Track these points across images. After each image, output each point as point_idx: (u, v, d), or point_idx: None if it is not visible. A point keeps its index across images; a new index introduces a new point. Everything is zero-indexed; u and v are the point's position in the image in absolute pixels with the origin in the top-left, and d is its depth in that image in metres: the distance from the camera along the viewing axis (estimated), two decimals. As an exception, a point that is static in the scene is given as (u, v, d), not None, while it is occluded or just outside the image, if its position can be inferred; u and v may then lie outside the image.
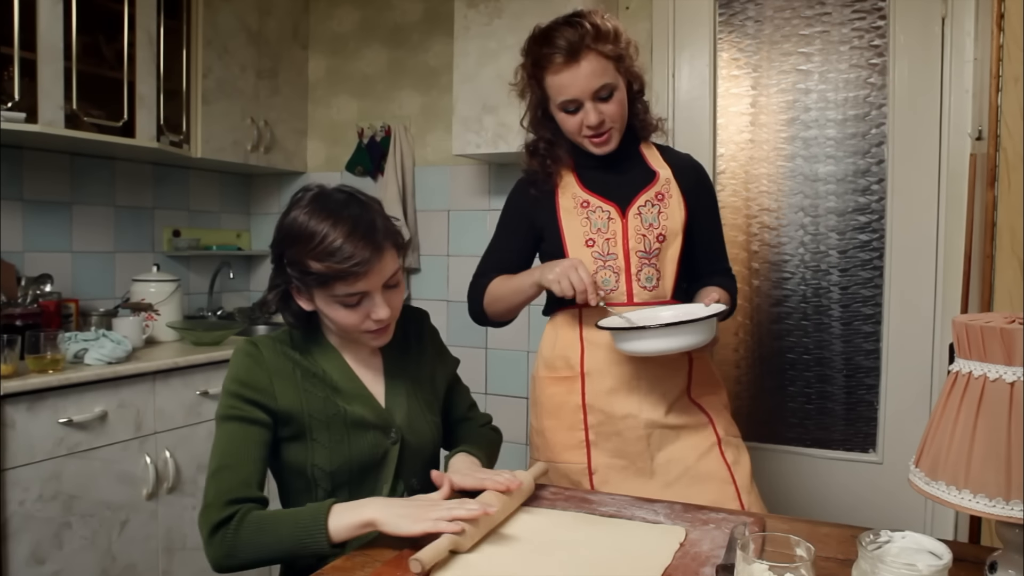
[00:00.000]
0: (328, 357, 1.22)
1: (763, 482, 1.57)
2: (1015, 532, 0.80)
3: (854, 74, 2.30)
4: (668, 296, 1.49)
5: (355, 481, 1.20)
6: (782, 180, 2.39)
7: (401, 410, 1.24)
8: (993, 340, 0.77)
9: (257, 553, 1.05)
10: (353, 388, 1.22)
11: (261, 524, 1.05)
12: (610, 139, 1.46)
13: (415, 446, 1.25)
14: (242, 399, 1.14)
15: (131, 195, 2.76)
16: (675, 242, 1.48)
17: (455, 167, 2.89)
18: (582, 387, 1.48)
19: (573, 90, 1.41)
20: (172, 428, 2.18)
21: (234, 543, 1.05)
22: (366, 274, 1.11)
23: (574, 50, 1.38)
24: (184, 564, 2.22)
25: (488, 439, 1.39)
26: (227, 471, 1.09)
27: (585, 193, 1.49)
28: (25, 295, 2.22)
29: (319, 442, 1.17)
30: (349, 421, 1.18)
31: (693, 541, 1.04)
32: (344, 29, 3.11)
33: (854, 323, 2.33)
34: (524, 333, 2.74)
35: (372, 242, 1.10)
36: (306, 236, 1.10)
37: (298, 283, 1.15)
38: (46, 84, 2.06)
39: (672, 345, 1.29)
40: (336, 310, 1.14)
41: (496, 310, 1.56)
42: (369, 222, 1.12)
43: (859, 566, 0.80)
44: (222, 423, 1.14)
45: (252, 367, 1.16)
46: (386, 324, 1.18)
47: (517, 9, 2.39)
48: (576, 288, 1.34)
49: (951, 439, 0.79)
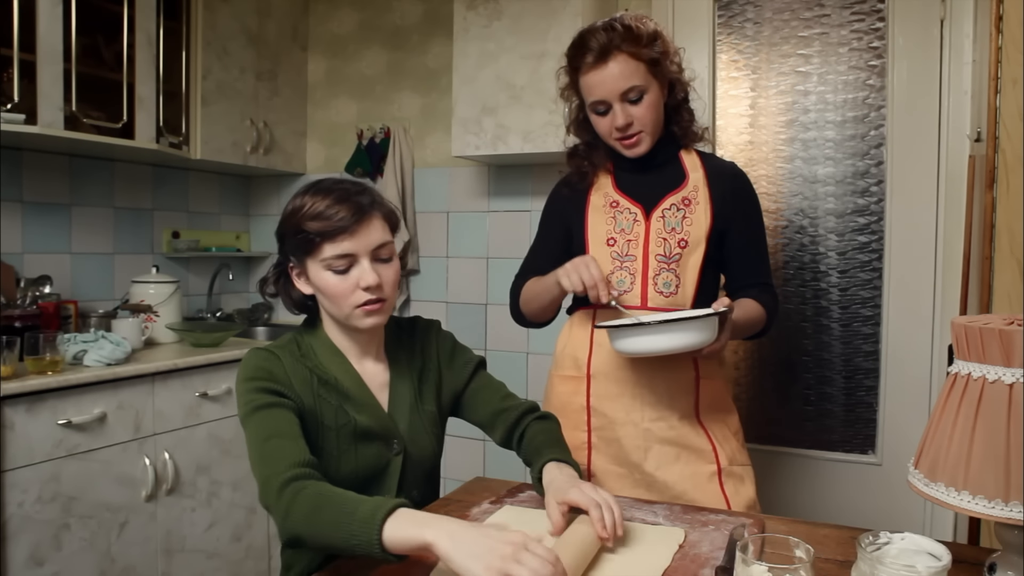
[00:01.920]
0: (335, 361, 1.21)
1: (762, 483, 1.56)
2: (1014, 533, 0.80)
3: (853, 76, 2.30)
4: (688, 305, 1.45)
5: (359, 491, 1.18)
6: (781, 182, 2.39)
7: (404, 421, 1.23)
8: (992, 342, 0.77)
9: (309, 530, 0.93)
10: (362, 396, 1.21)
11: (321, 496, 0.95)
12: (639, 142, 1.45)
13: (417, 458, 1.24)
14: (266, 391, 1.11)
15: (130, 196, 2.76)
16: (698, 249, 1.45)
17: (454, 169, 2.89)
18: (587, 388, 1.48)
19: (601, 91, 1.42)
20: (171, 430, 2.18)
21: (290, 509, 0.95)
22: (351, 233, 1.13)
23: (604, 51, 1.39)
24: (183, 566, 2.22)
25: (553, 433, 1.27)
26: (276, 447, 1.03)
27: (616, 193, 1.50)
28: (24, 296, 2.22)
29: (327, 450, 1.16)
30: (358, 431, 1.18)
31: (692, 542, 1.04)
32: (343, 31, 3.12)
33: (853, 324, 2.33)
34: (523, 333, 2.74)
35: (357, 205, 1.14)
36: (298, 205, 1.15)
37: (294, 258, 1.18)
38: (45, 86, 2.06)
39: (666, 344, 1.25)
40: (327, 279, 1.14)
41: (530, 310, 1.56)
42: (358, 191, 1.17)
43: (858, 567, 0.80)
44: (251, 417, 1.09)
45: (271, 367, 1.15)
46: (377, 298, 1.16)
47: (516, 11, 2.39)
48: (586, 283, 1.33)
49: (950, 440, 0.80)
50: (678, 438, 1.44)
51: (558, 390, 1.53)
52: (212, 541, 2.32)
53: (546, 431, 1.27)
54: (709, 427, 1.46)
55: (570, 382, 1.51)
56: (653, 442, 1.44)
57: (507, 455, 1.39)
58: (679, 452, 1.44)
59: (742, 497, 1.44)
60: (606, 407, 1.46)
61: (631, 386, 1.45)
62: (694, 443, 1.44)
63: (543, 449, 1.21)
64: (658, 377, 1.44)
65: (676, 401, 1.45)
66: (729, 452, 1.47)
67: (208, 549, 2.30)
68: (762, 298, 1.49)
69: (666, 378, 1.44)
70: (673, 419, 1.44)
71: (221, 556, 2.35)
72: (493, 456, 2.82)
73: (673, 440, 1.44)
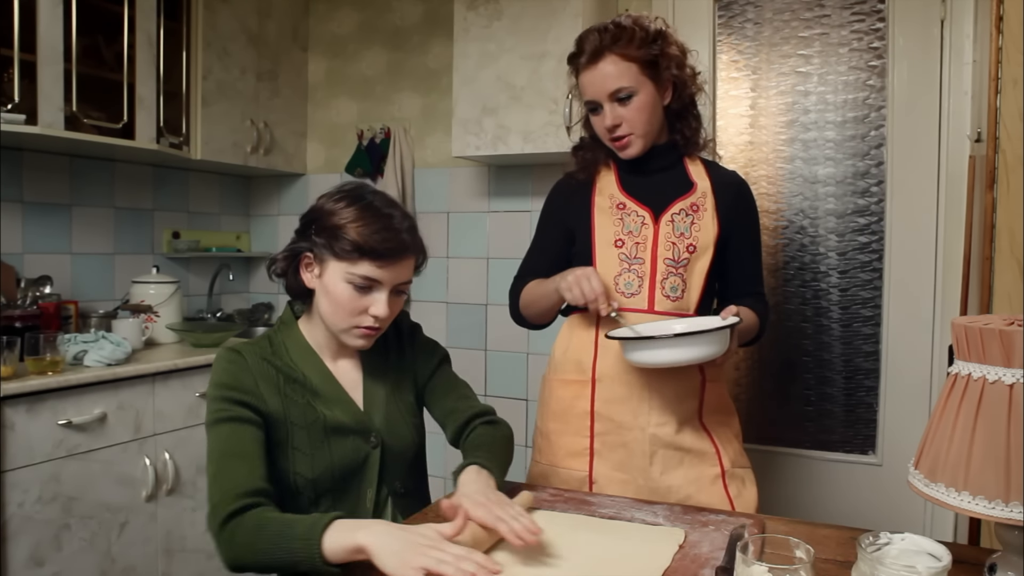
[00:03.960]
0: (307, 359, 1.22)
1: (763, 484, 1.56)
2: (1014, 534, 0.80)
3: (853, 76, 2.30)
4: (692, 310, 1.46)
5: (338, 488, 1.18)
6: (781, 182, 2.39)
7: (380, 413, 1.23)
8: (992, 342, 0.77)
9: (254, 556, 0.97)
10: (332, 392, 1.21)
11: (261, 524, 0.98)
12: (629, 144, 1.45)
13: (396, 449, 1.24)
14: (231, 401, 1.12)
15: (131, 197, 2.76)
16: (705, 255, 1.46)
17: (455, 169, 2.89)
18: (592, 393, 1.46)
19: (591, 91, 1.43)
20: (171, 430, 2.18)
21: (231, 540, 0.99)
22: (392, 263, 1.14)
23: (595, 53, 1.40)
24: (183, 566, 2.22)
25: (494, 439, 1.26)
26: (229, 469, 1.05)
27: (622, 195, 1.49)
28: (25, 297, 2.22)
29: (300, 449, 1.15)
30: (329, 427, 1.18)
31: (692, 543, 1.04)
32: (344, 31, 3.12)
33: (853, 325, 2.33)
34: (524, 334, 2.74)
35: (405, 242, 1.15)
36: (360, 208, 1.15)
37: (319, 250, 1.16)
38: (46, 86, 2.06)
39: (682, 356, 1.26)
40: (342, 290, 1.14)
41: (530, 313, 1.56)
42: (411, 227, 1.18)
43: (858, 568, 0.80)
44: (213, 428, 1.11)
45: (238, 372, 1.15)
46: (378, 327, 1.18)
47: (516, 11, 2.39)
48: (587, 297, 1.33)
49: (950, 441, 0.79)
50: (682, 442, 1.43)
51: (558, 395, 1.51)
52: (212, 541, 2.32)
53: (489, 435, 1.26)
54: (712, 430, 1.46)
55: (572, 386, 1.49)
56: (659, 447, 1.43)
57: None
58: (683, 456, 1.43)
59: (746, 499, 1.44)
60: (612, 411, 1.45)
61: (638, 390, 1.43)
62: (697, 446, 1.44)
63: (475, 451, 1.20)
64: (665, 381, 1.43)
65: (682, 405, 1.44)
66: (731, 454, 1.47)
67: (208, 549, 2.30)
68: (756, 307, 1.53)
69: (673, 382, 1.43)
70: (678, 423, 1.44)
71: (221, 556, 2.35)
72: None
73: (677, 444, 1.43)
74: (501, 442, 1.26)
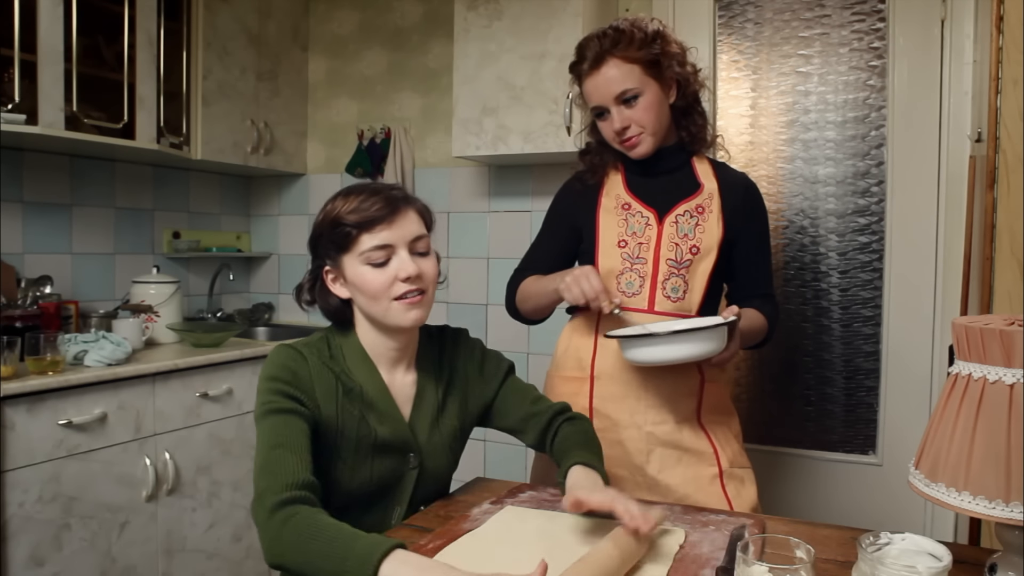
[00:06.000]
0: (363, 368, 1.19)
1: (763, 484, 1.56)
2: (1015, 534, 0.80)
3: (853, 76, 2.30)
4: (694, 311, 1.46)
5: (369, 501, 1.18)
6: (782, 182, 2.39)
7: (424, 435, 1.22)
8: (993, 342, 0.77)
9: (300, 557, 0.94)
10: (385, 406, 1.19)
11: (314, 531, 0.95)
12: (640, 143, 1.45)
13: (432, 473, 1.23)
14: (284, 395, 1.10)
15: (131, 197, 2.76)
16: (708, 257, 1.46)
17: (455, 169, 2.89)
18: (591, 390, 1.48)
19: (597, 96, 1.44)
20: (172, 430, 2.18)
21: (279, 536, 0.96)
22: (388, 223, 1.13)
23: (597, 58, 1.41)
24: (184, 566, 2.22)
25: (586, 436, 1.25)
26: (278, 459, 1.03)
27: (628, 196, 1.50)
28: (25, 297, 2.22)
29: (344, 460, 1.15)
30: (377, 444, 1.16)
31: (693, 543, 1.04)
32: (344, 31, 3.12)
33: (854, 325, 2.33)
34: (524, 333, 2.74)
35: (392, 198, 1.15)
36: (333, 206, 1.16)
37: (332, 258, 1.16)
38: (46, 86, 2.06)
39: (677, 354, 1.26)
40: (364, 274, 1.13)
41: (526, 308, 1.57)
42: (391, 187, 1.19)
43: (859, 568, 0.80)
44: (264, 419, 1.08)
45: (297, 370, 1.13)
46: (416, 289, 1.14)
47: (517, 11, 2.39)
48: (587, 295, 1.33)
49: (951, 441, 0.79)
50: (680, 441, 1.44)
51: (559, 391, 1.53)
52: (212, 541, 2.32)
53: (578, 432, 1.26)
54: (710, 429, 1.47)
55: (572, 383, 1.51)
56: (655, 445, 1.44)
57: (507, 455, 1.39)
58: (680, 455, 1.44)
59: (744, 499, 1.44)
60: (610, 409, 1.46)
61: (635, 388, 1.45)
62: (695, 446, 1.45)
63: (572, 451, 1.20)
64: (663, 380, 1.44)
65: (679, 404, 1.45)
66: (730, 454, 1.47)
67: (208, 549, 2.30)
68: (765, 309, 1.51)
69: (671, 381, 1.44)
70: (675, 422, 1.44)
71: (221, 556, 2.35)
72: (493, 456, 2.82)
73: (675, 443, 1.44)
74: (592, 437, 1.27)
